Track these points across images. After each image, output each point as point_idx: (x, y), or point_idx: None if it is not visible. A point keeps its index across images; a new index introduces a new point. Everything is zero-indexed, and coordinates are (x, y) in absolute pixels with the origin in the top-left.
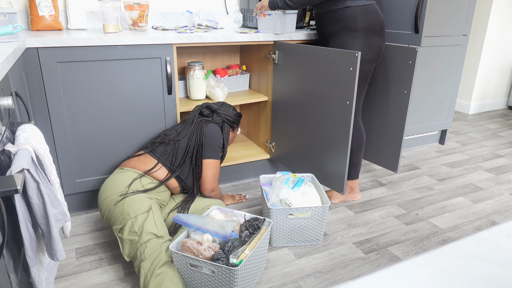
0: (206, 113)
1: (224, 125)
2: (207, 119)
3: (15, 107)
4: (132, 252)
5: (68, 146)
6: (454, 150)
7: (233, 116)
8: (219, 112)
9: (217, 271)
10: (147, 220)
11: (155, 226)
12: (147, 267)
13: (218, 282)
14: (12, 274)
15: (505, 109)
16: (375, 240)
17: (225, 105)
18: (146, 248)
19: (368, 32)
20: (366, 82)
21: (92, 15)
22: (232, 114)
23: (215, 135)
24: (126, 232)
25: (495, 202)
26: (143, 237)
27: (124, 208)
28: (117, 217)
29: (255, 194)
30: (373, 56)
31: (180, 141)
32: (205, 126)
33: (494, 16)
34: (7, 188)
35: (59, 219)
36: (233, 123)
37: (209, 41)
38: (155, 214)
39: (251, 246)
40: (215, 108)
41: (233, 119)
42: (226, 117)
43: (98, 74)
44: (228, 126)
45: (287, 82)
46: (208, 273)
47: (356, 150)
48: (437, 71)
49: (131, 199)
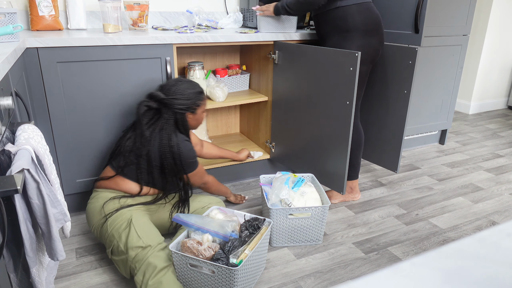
0: (154, 108)
1: (179, 117)
2: (165, 128)
3: (15, 107)
4: (128, 270)
5: (68, 146)
6: (454, 150)
7: (189, 102)
8: (168, 103)
9: (217, 271)
10: (129, 235)
11: (138, 238)
12: (140, 280)
13: (218, 282)
14: (12, 274)
15: (505, 109)
16: (375, 240)
17: (178, 87)
18: (137, 263)
19: (361, 32)
20: (363, 84)
21: (92, 15)
22: (186, 100)
23: (189, 153)
24: (116, 254)
25: (495, 202)
26: (130, 254)
27: (107, 230)
28: (106, 240)
29: (255, 194)
30: (367, 58)
31: (151, 157)
32: (176, 146)
33: (494, 16)
34: (7, 188)
35: (59, 219)
36: (189, 108)
37: (209, 41)
38: (136, 225)
39: (251, 246)
40: (162, 98)
41: (190, 104)
42: (179, 107)
43: (98, 74)
44: (183, 116)
45: (287, 82)
46: (208, 273)
47: (355, 151)
48: (437, 71)
49: (112, 219)
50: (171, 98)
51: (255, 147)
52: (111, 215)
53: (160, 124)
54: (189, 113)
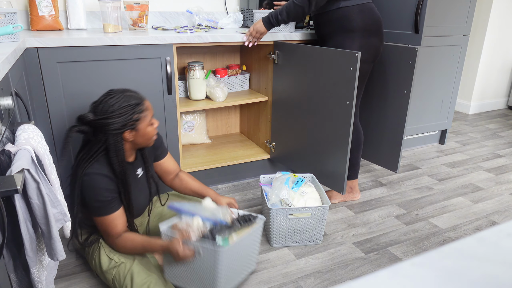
0: (86, 132)
1: (110, 140)
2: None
3: (15, 107)
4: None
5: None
6: (454, 150)
7: (122, 119)
8: (98, 125)
9: (202, 252)
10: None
11: (107, 259)
12: None
13: (203, 265)
14: (12, 274)
15: (505, 109)
16: (375, 240)
17: (106, 104)
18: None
19: (363, 32)
20: (363, 83)
21: (92, 15)
22: (118, 118)
23: (91, 191)
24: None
25: (495, 202)
26: (108, 276)
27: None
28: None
29: (255, 194)
30: (369, 57)
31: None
32: (81, 176)
33: (494, 16)
34: (7, 188)
35: (59, 219)
36: (125, 125)
37: (209, 41)
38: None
39: (240, 234)
40: (90, 120)
41: (125, 121)
42: (112, 128)
43: (98, 74)
44: (118, 137)
45: (287, 82)
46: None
47: (355, 151)
48: (437, 71)
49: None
50: (100, 118)
51: (255, 147)
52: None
53: (85, 150)
54: (129, 131)
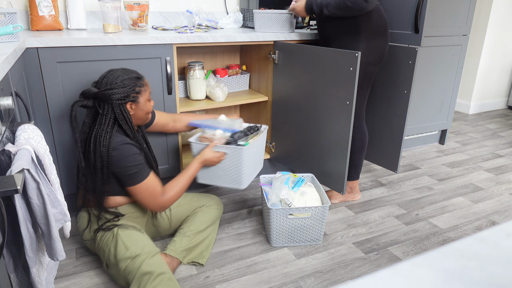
0: (90, 106)
1: (116, 110)
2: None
3: (15, 107)
4: (125, 281)
5: (68, 146)
6: (454, 150)
7: (125, 90)
8: (102, 96)
9: (229, 152)
10: (117, 247)
11: (125, 249)
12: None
13: (229, 164)
14: (12, 274)
15: (505, 109)
16: (375, 240)
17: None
18: (129, 274)
19: (371, 33)
20: (369, 84)
21: (92, 15)
22: (121, 88)
23: (124, 160)
24: (110, 267)
25: (495, 202)
26: (120, 266)
27: (99, 244)
28: (99, 254)
29: (255, 194)
30: (376, 58)
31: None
32: (106, 151)
33: (494, 16)
34: (7, 188)
35: (59, 219)
36: (127, 96)
37: (209, 41)
38: (122, 236)
39: (252, 139)
40: (95, 92)
41: (127, 92)
42: (115, 97)
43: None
44: (122, 108)
45: (287, 82)
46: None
47: (358, 152)
48: (437, 71)
49: (101, 233)
50: (104, 89)
51: None
52: (97, 231)
53: (97, 124)
54: (130, 103)
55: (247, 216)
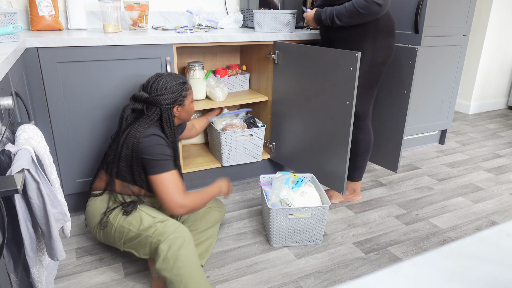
0: (140, 109)
1: (164, 114)
2: (142, 122)
3: (15, 107)
4: (147, 249)
5: (68, 146)
6: (454, 150)
7: (174, 95)
8: (152, 101)
9: (254, 133)
10: (142, 218)
11: (152, 218)
12: (166, 249)
13: (254, 142)
14: (12, 274)
15: (505, 109)
16: (375, 240)
17: (159, 83)
18: (159, 236)
19: (379, 33)
20: (377, 85)
21: (92, 15)
22: (170, 94)
23: (152, 148)
24: (130, 241)
25: (495, 202)
26: (148, 232)
27: (113, 225)
28: (113, 236)
29: (255, 194)
30: (386, 58)
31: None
32: (138, 137)
33: (494, 16)
34: (7, 188)
35: (59, 219)
36: (175, 101)
37: (209, 41)
38: (144, 209)
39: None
40: (146, 97)
41: (176, 97)
42: (165, 103)
43: (98, 74)
44: (170, 111)
45: (287, 82)
46: (247, 138)
47: (364, 153)
48: (437, 71)
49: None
50: (155, 95)
51: None
52: (111, 212)
53: (140, 121)
54: (178, 107)
55: (247, 216)
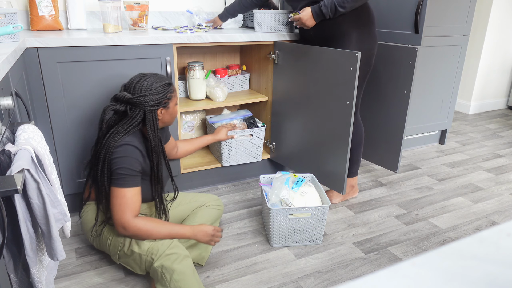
0: (122, 110)
1: (147, 116)
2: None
3: (15, 107)
4: (143, 266)
5: (68, 146)
6: (454, 150)
7: (159, 96)
8: (136, 102)
9: (253, 133)
10: None
11: None
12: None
13: (253, 143)
14: (12, 274)
15: (505, 109)
16: (375, 240)
17: (143, 83)
18: (152, 254)
19: (366, 26)
20: (367, 77)
21: (92, 15)
22: (155, 95)
23: (120, 160)
24: (125, 256)
25: (495, 202)
26: (142, 248)
27: (108, 238)
28: (109, 248)
29: (255, 194)
30: (374, 50)
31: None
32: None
33: (494, 16)
34: (7, 188)
35: (59, 219)
36: (160, 103)
37: (209, 41)
38: None
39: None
40: (129, 98)
41: (161, 98)
42: (149, 104)
43: (98, 74)
44: (154, 113)
45: (287, 82)
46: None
47: (358, 147)
48: (437, 71)
49: (109, 226)
50: (139, 96)
51: None
52: (103, 224)
53: (119, 125)
54: (162, 109)
55: (247, 216)
